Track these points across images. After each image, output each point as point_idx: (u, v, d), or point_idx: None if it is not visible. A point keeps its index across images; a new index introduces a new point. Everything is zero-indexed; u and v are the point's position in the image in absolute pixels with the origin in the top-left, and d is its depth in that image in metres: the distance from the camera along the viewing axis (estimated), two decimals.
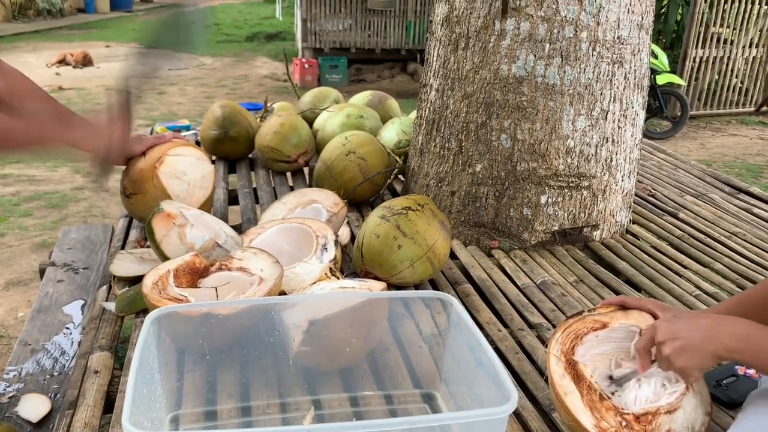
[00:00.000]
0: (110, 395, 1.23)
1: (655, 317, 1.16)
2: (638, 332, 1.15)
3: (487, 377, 0.96)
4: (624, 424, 1.05)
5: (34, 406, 1.80)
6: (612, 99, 1.85)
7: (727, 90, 7.86)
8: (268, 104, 2.85)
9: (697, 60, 7.58)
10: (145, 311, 1.46)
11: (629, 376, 1.12)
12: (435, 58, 1.99)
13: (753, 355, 0.97)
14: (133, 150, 1.76)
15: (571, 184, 1.87)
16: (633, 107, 1.91)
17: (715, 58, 7.66)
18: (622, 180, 1.97)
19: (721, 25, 7.57)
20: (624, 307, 1.20)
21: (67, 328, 2.20)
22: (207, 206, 1.84)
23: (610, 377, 1.15)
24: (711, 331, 0.99)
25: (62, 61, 10.09)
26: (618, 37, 1.79)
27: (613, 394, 1.12)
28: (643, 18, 1.83)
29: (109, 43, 12.72)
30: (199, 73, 10.07)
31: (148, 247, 1.75)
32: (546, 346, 1.18)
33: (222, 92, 8.72)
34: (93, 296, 2.32)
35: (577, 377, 1.10)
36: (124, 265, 1.68)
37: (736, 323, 1.00)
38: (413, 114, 2.32)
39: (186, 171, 1.77)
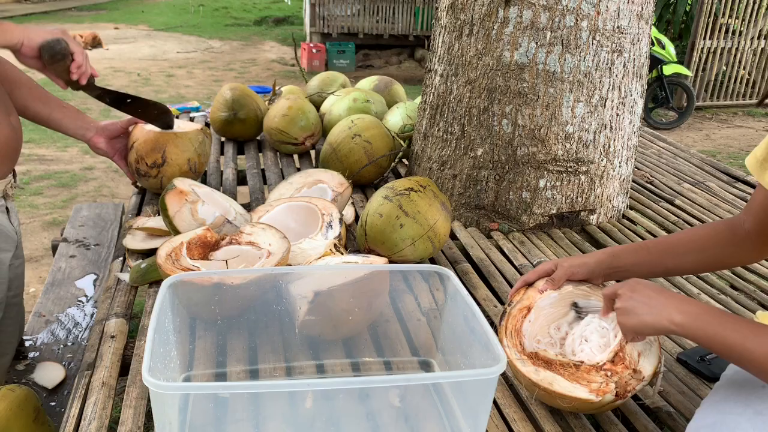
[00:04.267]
0: (125, 358, 1.31)
1: (552, 273, 1.27)
2: (558, 293, 1.26)
3: (480, 344, 1.03)
4: (609, 374, 1.12)
5: (49, 373, 1.89)
6: (611, 87, 1.90)
7: (735, 81, 7.86)
8: (277, 88, 2.91)
9: (705, 51, 7.59)
10: (157, 283, 1.53)
11: (591, 309, 1.22)
12: (440, 45, 2.04)
13: (699, 331, 0.99)
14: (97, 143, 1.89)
15: (569, 169, 1.93)
16: (632, 95, 1.97)
17: (723, 49, 7.65)
18: (620, 166, 2.03)
19: (730, 16, 7.56)
20: (529, 285, 1.30)
21: (80, 301, 2.29)
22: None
23: (575, 304, 1.23)
24: (663, 306, 1.02)
25: None
26: (618, 27, 1.84)
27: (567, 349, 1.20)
28: (642, 8, 1.88)
29: (118, 24, 12.77)
30: (208, 57, 10.12)
31: (158, 214, 1.83)
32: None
33: (230, 76, 8.77)
34: (105, 271, 2.40)
35: (547, 363, 1.15)
36: (137, 239, 1.76)
37: (689, 301, 1.03)
38: (419, 99, 2.37)
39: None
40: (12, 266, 1.73)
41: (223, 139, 2.65)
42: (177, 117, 2.98)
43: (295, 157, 2.49)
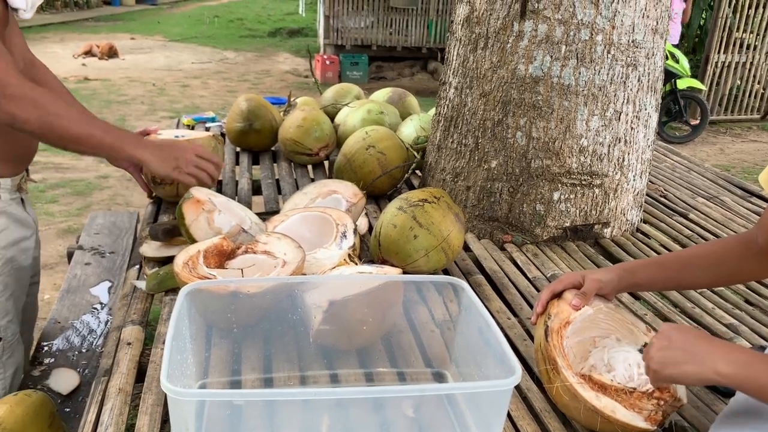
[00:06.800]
0: (141, 365, 1.32)
1: (578, 285, 1.24)
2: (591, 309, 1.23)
3: (494, 356, 1.03)
4: (661, 403, 1.10)
5: (64, 380, 1.90)
6: (625, 101, 1.90)
7: (749, 96, 7.84)
8: (292, 99, 2.93)
9: (719, 65, 7.57)
10: (173, 291, 1.54)
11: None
12: (455, 57, 2.06)
13: (750, 381, 0.92)
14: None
15: (583, 182, 1.93)
16: (646, 109, 1.97)
17: (737, 63, 7.64)
18: (634, 179, 2.03)
19: (745, 31, 7.55)
20: (557, 295, 1.26)
21: (95, 308, 2.31)
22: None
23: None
24: (704, 356, 0.95)
25: (88, 53, 10.29)
26: (632, 41, 1.85)
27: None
28: (657, 23, 1.88)
29: (134, 35, 12.92)
30: (222, 67, 10.21)
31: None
32: (546, 381, 1.18)
33: (244, 86, 8.84)
34: (119, 278, 2.43)
35: (602, 387, 1.11)
36: (153, 247, 1.77)
37: (735, 349, 0.96)
38: (432, 111, 2.39)
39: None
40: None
41: (238, 149, 2.67)
42: (192, 127, 3.02)
43: (310, 167, 2.51)
